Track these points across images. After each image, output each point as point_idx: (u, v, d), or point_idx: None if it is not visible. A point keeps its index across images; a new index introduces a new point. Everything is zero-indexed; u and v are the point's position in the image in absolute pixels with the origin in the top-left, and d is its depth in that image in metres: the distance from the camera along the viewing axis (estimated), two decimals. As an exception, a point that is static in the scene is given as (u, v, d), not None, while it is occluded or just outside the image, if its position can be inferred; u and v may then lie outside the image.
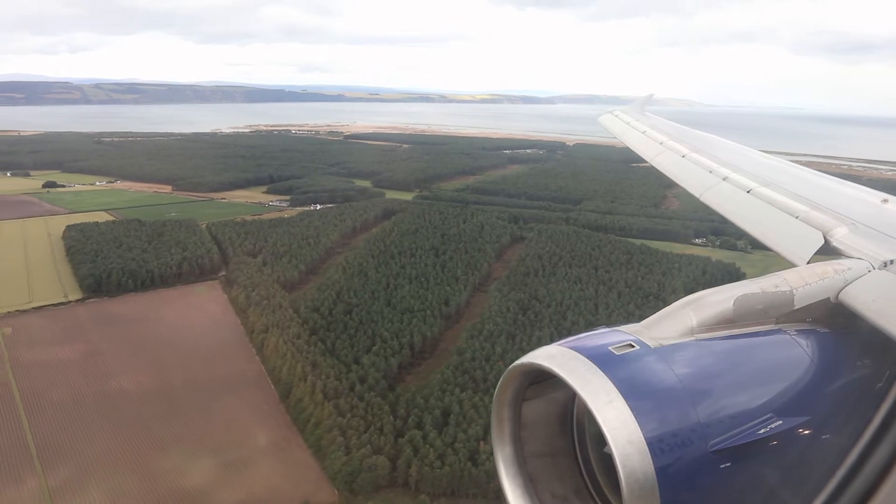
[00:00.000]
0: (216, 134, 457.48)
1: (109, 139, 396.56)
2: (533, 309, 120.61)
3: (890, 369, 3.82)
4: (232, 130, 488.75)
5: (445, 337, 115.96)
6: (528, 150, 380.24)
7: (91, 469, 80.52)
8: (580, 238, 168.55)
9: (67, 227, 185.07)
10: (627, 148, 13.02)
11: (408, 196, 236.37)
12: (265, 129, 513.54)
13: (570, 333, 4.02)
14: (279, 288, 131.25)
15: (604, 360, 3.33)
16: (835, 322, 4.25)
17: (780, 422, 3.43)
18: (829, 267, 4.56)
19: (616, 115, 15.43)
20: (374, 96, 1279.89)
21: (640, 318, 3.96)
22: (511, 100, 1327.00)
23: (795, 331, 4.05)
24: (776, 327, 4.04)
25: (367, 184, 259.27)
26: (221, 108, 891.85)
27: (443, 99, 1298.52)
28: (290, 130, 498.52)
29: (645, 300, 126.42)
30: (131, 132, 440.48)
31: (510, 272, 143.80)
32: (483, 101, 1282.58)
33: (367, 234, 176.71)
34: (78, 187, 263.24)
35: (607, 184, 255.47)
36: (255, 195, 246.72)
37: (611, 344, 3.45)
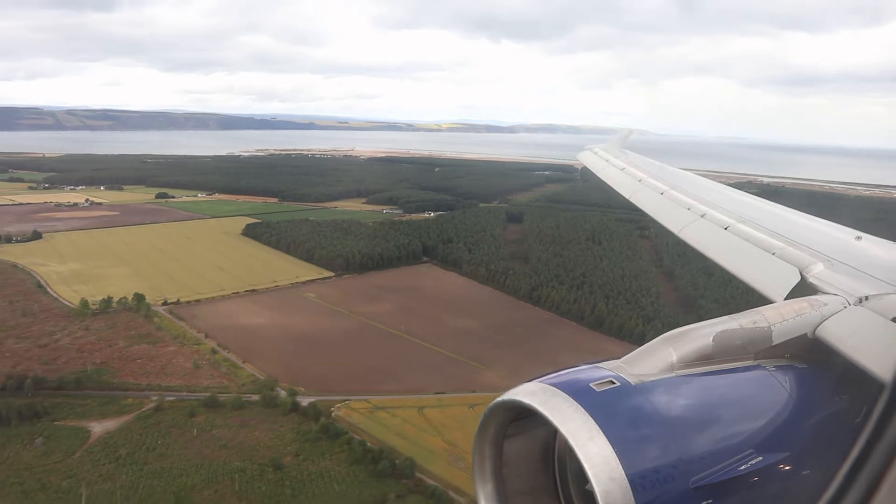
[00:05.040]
0: (239, 157, 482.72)
1: (151, 160, 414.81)
2: (714, 273, 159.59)
3: (867, 404, 3.78)
4: (249, 154, 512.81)
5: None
6: (547, 172, 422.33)
7: (518, 367, 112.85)
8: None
9: (247, 225, 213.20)
10: None
11: (490, 205, 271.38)
12: (276, 152, 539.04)
13: (749, 287, 5.59)
14: (512, 263, 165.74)
15: (585, 396, 3.38)
16: (812, 358, 4.35)
17: (760, 458, 3.51)
18: (805, 303, 4.67)
19: (595, 152, 15.73)
20: (344, 125, 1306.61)
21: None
22: (476, 129, 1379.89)
23: (774, 367, 4.15)
24: (755, 363, 4.15)
25: (446, 196, 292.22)
26: (202, 134, 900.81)
27: (410, 127, 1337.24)
28: (304, 154, 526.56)
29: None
30: (163, 155, 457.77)
31: (664, 256, 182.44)
32: (450, 129, 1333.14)
33: (511, 230, 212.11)
34: (185, 198, 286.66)
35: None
36: (357, 205, 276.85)
37: (591, 380, 3.52)
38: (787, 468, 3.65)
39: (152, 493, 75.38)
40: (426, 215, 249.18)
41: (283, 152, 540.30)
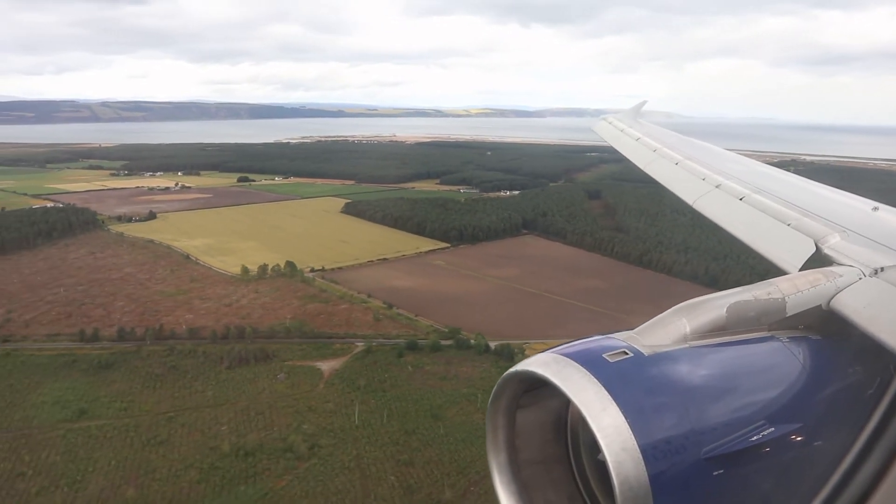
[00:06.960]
0: (287, 143, 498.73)
1: (211, 148, 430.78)
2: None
3: (881, 376, 3.85)
4: (296, 141, 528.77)
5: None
6: (594, 154, 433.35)
7: (656, 315, 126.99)
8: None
9: (346, 204, 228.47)
10: None
11: (557, 184, 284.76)
12: (322, 139, 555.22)
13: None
14: (615, 233, 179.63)
15: (598, 367, 3.38)
16: (827, 329, 4.30)
17: (773, 429, 3.50)
18: (820, 274, 4.60)
19: (610, 122, 15.85)
20: (373, 112, 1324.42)
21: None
22: (504, 114, 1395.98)
23: (788, 338, 4.11)
24: (769, 334, 4.11)
25: (516, 176, 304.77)
26: (236, 123, 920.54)
27: (439, 113, 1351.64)
28: (348, 140, 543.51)
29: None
30: (221, 143, 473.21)
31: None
32: (479, 115, 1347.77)
33: (594, 205, 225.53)
34: (264, 181, 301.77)
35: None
36: (431, 185, 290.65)
37: (604, 351, 3.52)
38: (800, 439, 3.67)
39: (406, 412, 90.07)
40: (503, 194, 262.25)
41: (329, 139, 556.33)
